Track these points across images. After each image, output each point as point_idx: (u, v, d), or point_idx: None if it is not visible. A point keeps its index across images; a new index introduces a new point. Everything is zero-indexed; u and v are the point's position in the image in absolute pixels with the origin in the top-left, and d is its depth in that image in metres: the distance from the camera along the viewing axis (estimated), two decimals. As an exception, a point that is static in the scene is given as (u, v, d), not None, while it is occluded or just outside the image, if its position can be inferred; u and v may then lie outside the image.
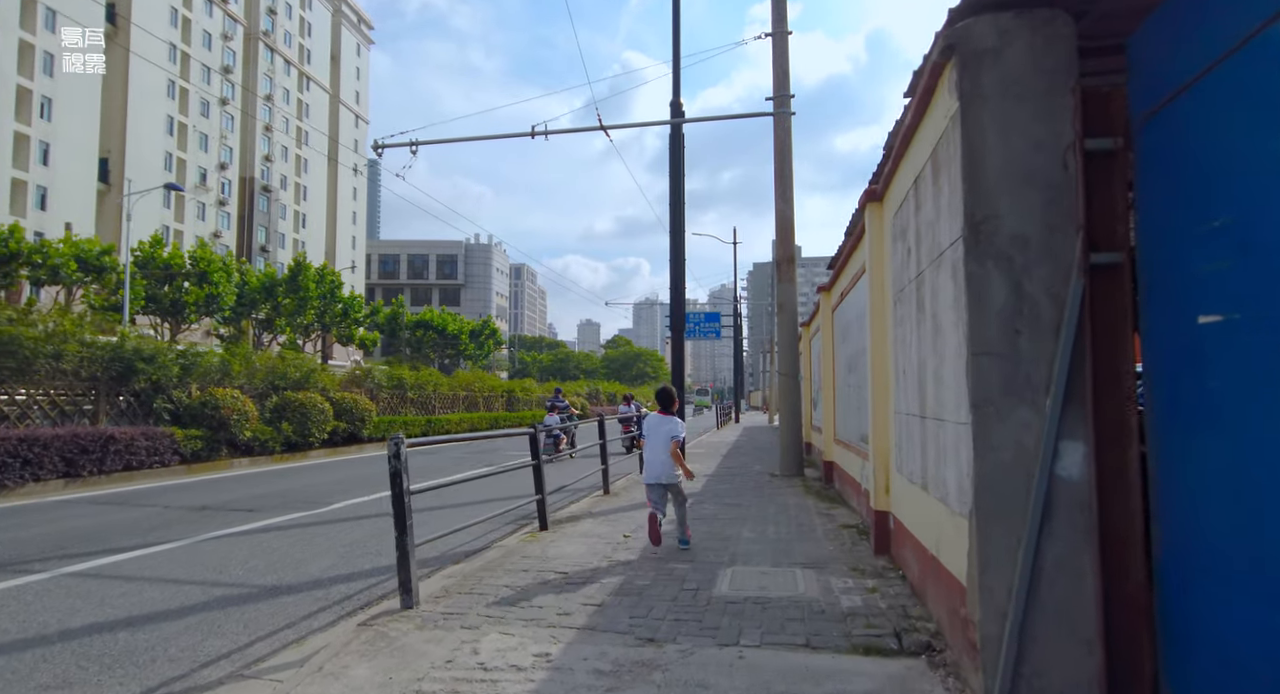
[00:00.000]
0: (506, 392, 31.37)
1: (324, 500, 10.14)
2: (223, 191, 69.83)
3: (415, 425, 21.91)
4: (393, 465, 4.68)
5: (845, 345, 8.98)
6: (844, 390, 9.27)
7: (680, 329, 14.40)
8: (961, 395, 3.24)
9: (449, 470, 13.74)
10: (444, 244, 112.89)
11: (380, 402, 21.39)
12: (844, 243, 8.33)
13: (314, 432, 16.36)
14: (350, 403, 18.32)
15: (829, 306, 10.71)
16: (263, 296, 42.80)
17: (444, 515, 8.76)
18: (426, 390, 24.04)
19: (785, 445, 12.08)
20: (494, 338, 73.48)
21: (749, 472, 12.93)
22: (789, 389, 12.13)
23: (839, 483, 9.82)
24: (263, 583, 5.58)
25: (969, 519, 3.15)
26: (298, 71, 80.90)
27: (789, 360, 12.16)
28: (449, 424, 24.08)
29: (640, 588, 5.01)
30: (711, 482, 11.51)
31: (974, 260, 3.12)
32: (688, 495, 7.08)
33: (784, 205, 12.22)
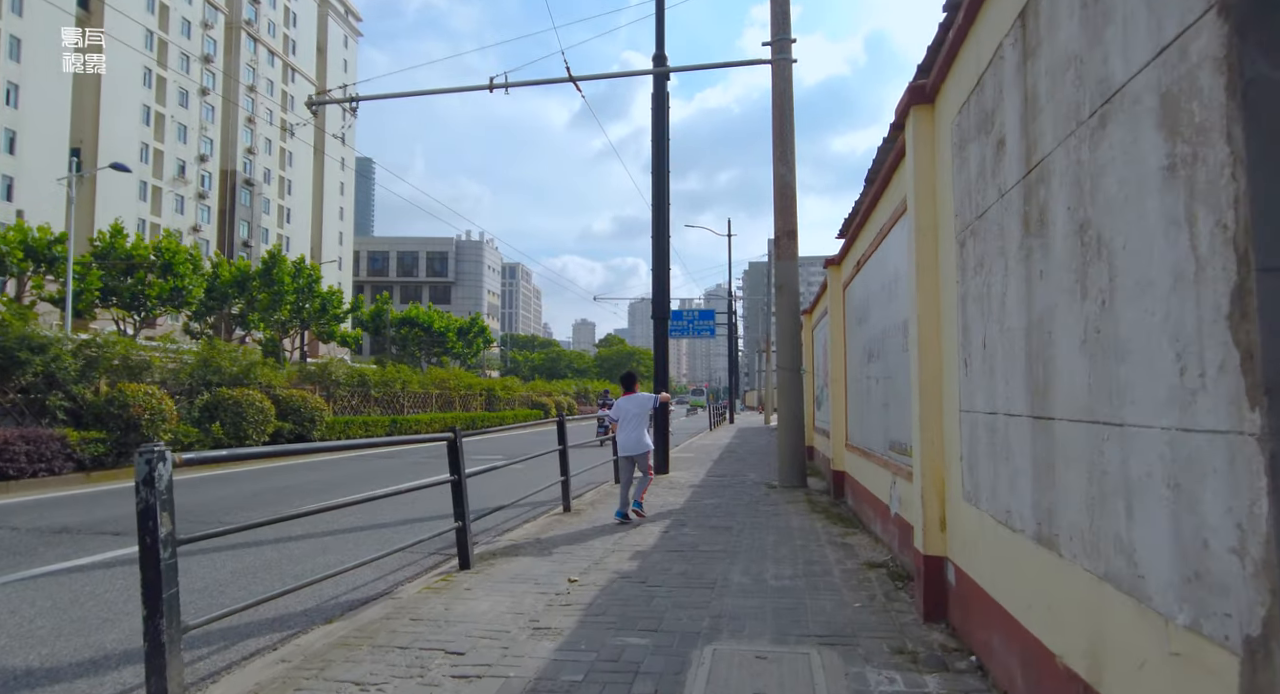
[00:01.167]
0: (486, 390, 29.46)
1: (223, 518, 8.24)
2: (202, 184, 67.77)
3: (378, 426, 19.99)
4: (142, 498, 2.77)
5: (863, 328, 7.12)
6: (859, 385, 7.41)
7: (664, 310, 12.53)
8: (1205, 370, 1.38)
9: (382, 479, 11.86)
10: (434, 240, 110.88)
11: (338, 400, 19.47)
12: (863, 194, 6.47)
13: (251, 433, 14.44)
14: (298, 401, 16.40)
15: (838, 284, 8.85)
16: (235, 290, 40.79)
17: (346, 542, 6.86)
18: (393, 388, 22.11)
19: (785, 451, 10.22)
20: (484, 336, 71.54)
21: (743, 481, 11.06)
22: (790, 386, 10.27)
23: (853, 499, 7.95)
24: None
25: (1239, 653, 1.29)
26: (282, 62, 78.88)
27: (789, 352, 10.30)
28: (418, 425, 22.17)
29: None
30: (698, 494, 9.64)
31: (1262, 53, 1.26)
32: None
33: (783, 169, 10.36)
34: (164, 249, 34.94)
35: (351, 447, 4.63)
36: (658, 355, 12.68)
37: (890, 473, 5.61)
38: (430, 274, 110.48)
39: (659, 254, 12.62)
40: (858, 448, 7.45)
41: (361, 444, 4.39)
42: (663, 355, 12.60)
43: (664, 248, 12.64)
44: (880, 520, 6.13)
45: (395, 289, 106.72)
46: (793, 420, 10.20)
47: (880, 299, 6.09)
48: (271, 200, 77.41)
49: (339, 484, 11.28)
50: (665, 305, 12.65)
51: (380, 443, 4.60)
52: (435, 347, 65.40)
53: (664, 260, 12.65)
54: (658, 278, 12.61)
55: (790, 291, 10.37)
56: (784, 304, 10.38)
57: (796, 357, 10.35)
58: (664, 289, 12.65)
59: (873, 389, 6.50)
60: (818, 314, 12.22)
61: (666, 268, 12.69)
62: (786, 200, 10.33)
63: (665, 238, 12.69)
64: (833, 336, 8.92)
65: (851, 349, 7.97)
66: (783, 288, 10.39)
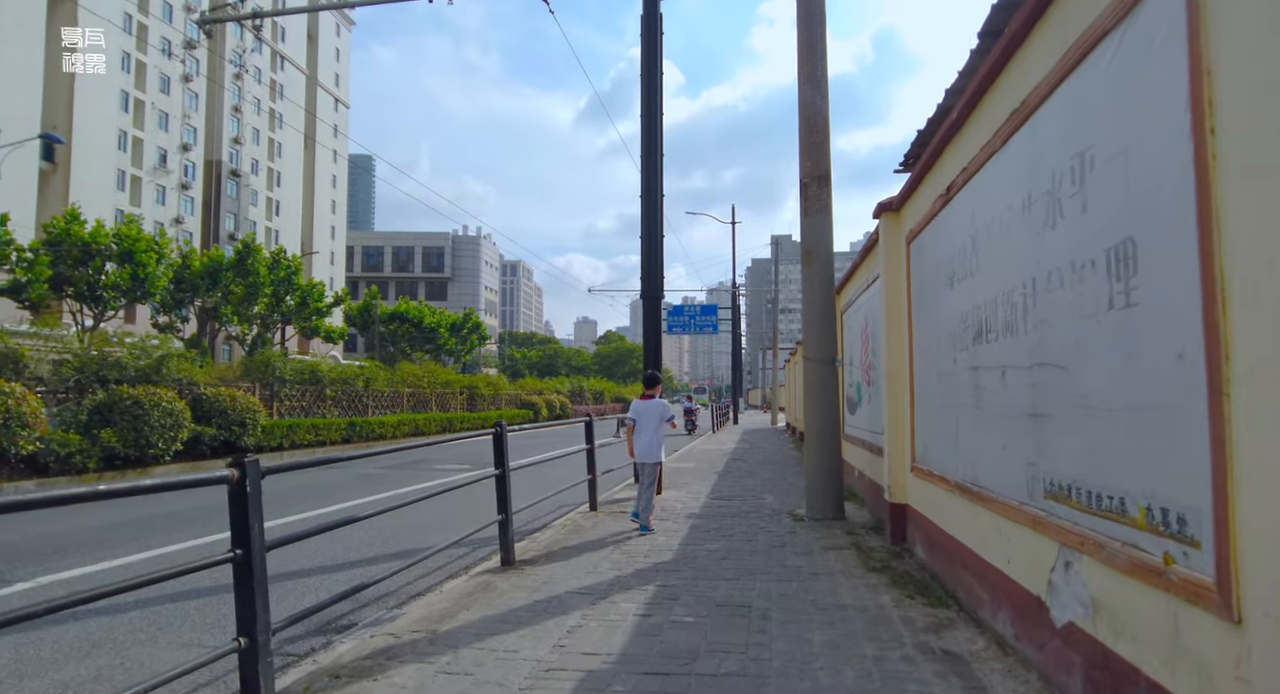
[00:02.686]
0: (467, 388, 26.86)
1: (20, 571, 5.66)
2: (186, 175, 65.30)
3: (331, 430, 17.40)
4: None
5: (959, 291, 4.49)
6: (946, 380, 4.80)
7: (655, 287, 9.93)
8: None
9: (306, 501, 9.26)
10: (430, 236, 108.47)
11: (282, 399, 16.88)
12: (974, 63, 3.85)
13: (156, 440, 11.85)
14: (224, 401, 13.80)
15: (897, 237, 6.24)
16: (206, 282, 38.22)
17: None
18: (354, 386, 19.51)
19: (816, 471, 7.59)
20: (478, 332, 68.99)
21: (758, 510, 8.45)
22: (821, 383, 7.65)
23: (928, 551, 5.33)
24: None
25: None
26: (270, 49, 76.34)
27: (821, 338, 7.68)
28: (382, 428, 19.58)
29: None
30: (698, 532, 7.02)
31: None
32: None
33: (812, 92, 7.74)
34: (123, 236, 32.36)
35: None
36: (648, 341, 10.07)
37: (1052, 543, 2.99)
38: (426, 270, 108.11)
39: (649, 220, 10.01)
40: (944, 478, 4.82)
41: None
42: (654, 341, 9.99)
43: (655, 212, 10.04)
44: (1010, 612, 3.51)
45: (391, 285, 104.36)
46: (826, 430, 7.57)
47: (1012, 230, 3.46)
48: (260, 192, 74.97)
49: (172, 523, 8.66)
50: (657, 282, 10.04)
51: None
52: (427, 343, 62.90)
53: (655, 228, 10.04)
54: (648, 248, 10.01)
55: (822, 258, 7.74)
56: (814, 276, 7.75)
57: (830, 344, 7.72)
58: (656, 263, 10.04)
59: (988, 386, 3.88)
60: (851, 293, 9.59)
61: (659, 236, 10.08)
62: (816, 133, 7.71)
63: (657, 199, 10.08)
64: (889, 313, 6.29)
65: (927, 328, 5.35)
66: (812, 254, 7.77)
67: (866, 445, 8.26)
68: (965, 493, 4.31)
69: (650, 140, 10.07)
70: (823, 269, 7.72)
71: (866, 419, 8.32)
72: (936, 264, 5.04)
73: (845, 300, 10.06)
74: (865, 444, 8.38)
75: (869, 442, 8.09)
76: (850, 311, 9.52)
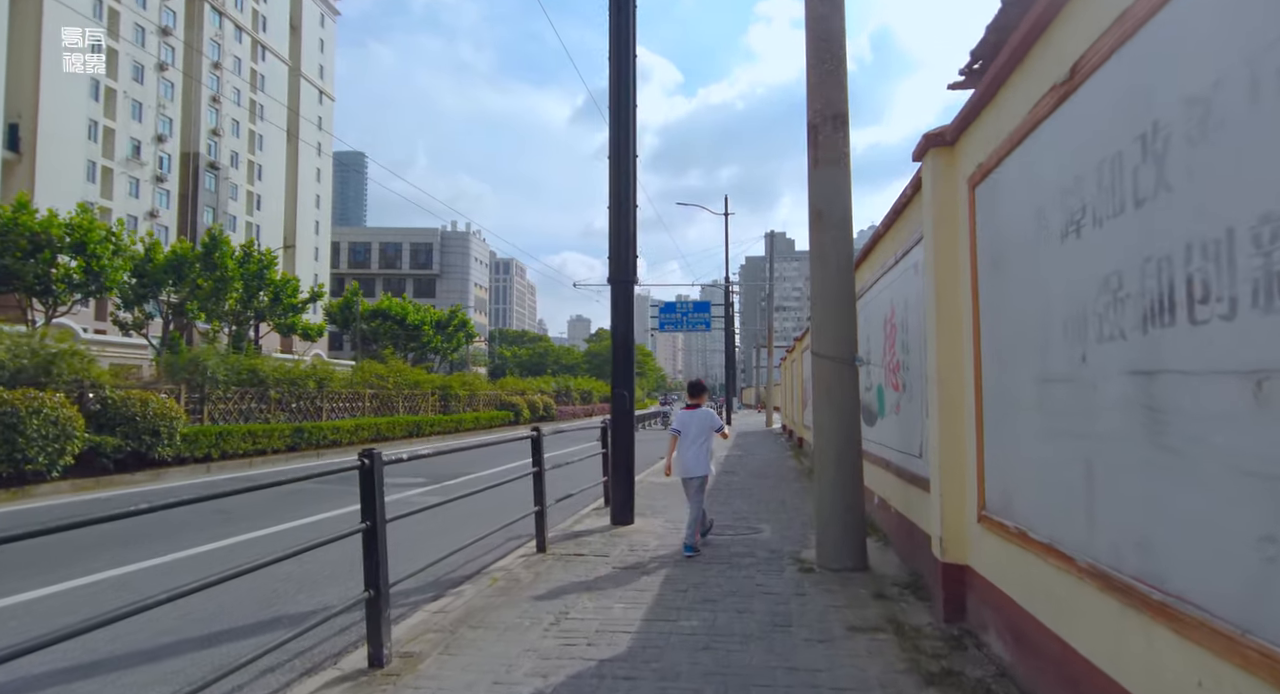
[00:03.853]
0: (440, 389, 24.91)
1: None
2: (161, 167, 63.09)
3: (274, 437, 15.46)
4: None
5: (1078, 248, 2.61)
6: (1060, 391, 2.92)
7: (625, 269, 8.06)
8: None
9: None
10: (418, 231, 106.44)
11: (215, 403, 14.92)
12: None
13: (36, 454, 9.92)
14: (135, 406, 11.85)
15: (950, 182, 4.37)
16: (170, 276, 36.14)
17: None
18: (303, 386, 17.55)
19: (831, 507, 5.72)
20: (465, 330, 66.97)
21: (752, 551, 6.58)
22: (838, 387, 5.77)
23: (1010, 646, 3.47)
24: None
25: None
26: (251, 39, 74.12)
27: (837, 327, 5.82)
28: (337, 434, 17.65)
29: None
30: (671, 591, 5.15)
31: None
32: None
33: (825, 7, 5.87)
34: (75, 226, 30.29)
35: None
36: (617, 335, 8.20)
37: None
38: (415, 266, 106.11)
39: (619, 188, 8.13)
40: (1054, 549, 2.96)
41: None
42: (624, 333, 8.13)
43: (626, 179, 8.16)
44: None
45: (378, 282, 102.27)
46: (845, 451, 5.71)
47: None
48: (240, 186, 72.80)
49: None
50: (628, 263, 8.15)
51: None
52: (411, 341, 60.92)
53: (626, 197, 8.17)
54: (618, 222, 8.13)
55: (838, 221, 5.87)
56: (827, 245, 5.87)
57: (850, 335, 5.85)
58: (627, 240, 8.15)
59: (1192, 410, 2.01)
60: (866, 275, 7.73)
61: (630, 208, 8.21)
62: (829, 61, 5.83)
63: (628, 163, 8.20)
64: (939, 293, 4.42)
65: (1010, 311, 3.49)
66: (824, 216, 5.89)
67: (892, 468, 6.39)
68: (1114, 587, 2.44)
69: (621, 91, 8.19)
70: (839, 236, 5.85)
71: (893, 434, 6.45)
72: (1037, 208, 3.16)
73: (859, 285, 8.18)
74: (890, 466, 6.51)
75: (897, 463, 6.23)
76: (867, 298, 7.64)
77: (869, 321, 7.50)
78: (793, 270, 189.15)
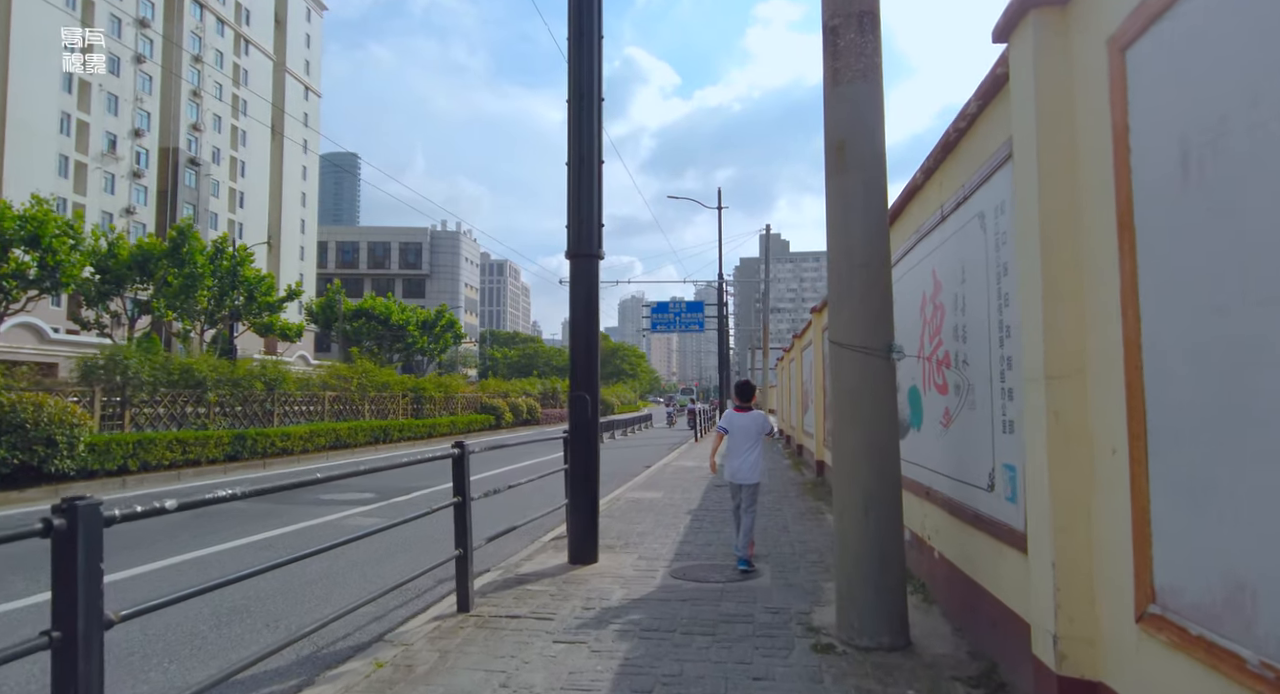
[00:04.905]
0: (412, 391, 23.16)
1: None
2: (138, 162, 61.16)
3: (209, 446, 13.71)
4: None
5: None
6: None
7: (586, 241, 6.39)
8: None
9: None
10: (407, 231, 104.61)
11: (137, 407, 13.16)
12: None
13: (-118, 471, 8.17)
14: (25, 412, 10.10)
15: (1062, 56, 2.67)
16: (135, 272, 34.33)
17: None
18: (246, 388, 15.79)
19: (860, 560, 4.03)
20: (453, 330, 65.21)
21: (747, 610, 4.89)
22: (870, 386, 4.09)
23: None
24: None
25: None
26: (234, 32, 72.27)
27: (866, 302, 4.15)
28: (287, 442, 15.91)
29: None
30: (628, 677, 3.46)
31: None
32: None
33: None
34: (29, 218, 28.48)
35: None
36: (576, 324, 6.54)
37: None
38: (404, 266, 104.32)
39: (579, 139, 6.46)
40: None
41: None
42: (587, 317, 6.47)
43: (588, 127, 6.48)
44: None
45: (366, 281, 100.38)
46: (878, 483, 4.03)
47: None
48: (222, 182, 70.90)
49: None
50: (591, 234, 6.47)
51: None
52: (396, 342, 59.16)
53: (589, 152, 6.49)
54: (578, 182, 6.45)
55: (867, 157, 4.19)
56: (854, 188, 4.20)
57: (882, 316, 4.17)
58: (589, 205, 6.48)
59: None
60: (897, 241, 6.01)
61: (594, 166, 6.53)
62: (857, -66, 4.16)
63: (592, 106, 6.52)
64: (1050, 240, 2.74)
65: (1253, 253, 1.78)
66: (846, 150, 4.21)
67: (937, 499, 4.71)
68: None
69: (584, 14, 6.52)
70: (870, 177, 4.18)
71: (938, 452, 4.78)
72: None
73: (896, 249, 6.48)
74: (933, 495, 4.83)
75: (945, 493, 4.55)
76: (904, 264, 5.94)
77: (896, 305, 5.81)
78: (786, 272, 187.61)
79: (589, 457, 6.35)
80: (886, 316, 4.20)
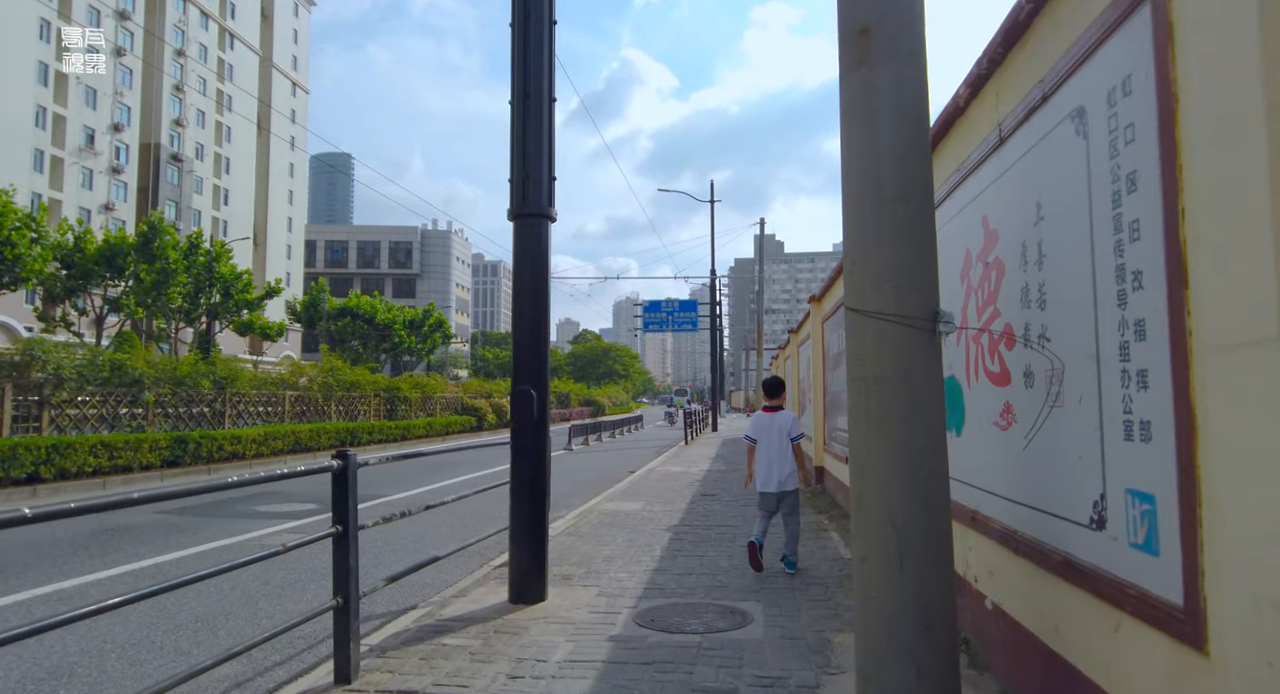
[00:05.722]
0: (386, 391, 21.81)
1: None
2: (117, 158, 59.66)
3: (143, 450, 12.35)
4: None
5: None
6: None
7: (536, 198, 5.12)
8: None
9: None
10: (397, 230, 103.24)
11: (59, 408, 11.81)
12: None
13: None
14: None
15: None
16: (103, 267, 32.90)
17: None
18: (191, 388, 14.42)
19: (896, 625, 2.73)
20: (441, 330, 63.83)
21: (734, 685, 3.59)
22: (907, 373, 2.79)
23: None
24: None
25: None
26: (218, 26, 70.82)
27: (904, 251, 2.84)
28: (237, 446, 14.56)
29: None
30: None
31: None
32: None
33: None
34: (-16, 209, 27.06)
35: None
36: (523, 294, 5.26)
37: None
38: (394, 266, 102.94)
39: (526, 71, 5.17)
40: None
41: None
42: (535, 292, 5.19)
43: (538, 56, 5.20)
44: None
45: (356, 281, 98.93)
46: (919, 512, 2.74)
47: None
48: (205, 179, 69.41)
49: None
50: (541, 190, 5.17)
51: None
52: (383, 342, 57.76)
53: (539, 87, 5.20)
54: (523, 123, 5.15)
55: (901, 47, 2.91)
56: (882, 85, 2.91)
57: (924, 273, 2.88)
58: (539, 151, 5.18)
59: None
60: (956, 164, 4.73)
61: (544, 103, 5.23)
62: None
63: (542, 29, 5.23)
64: None
65: None
66: (871, 37, 2.93)
67: (994, 531, 3.42)
68: None
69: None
70: (904, 73, 2.90)
71: (988, 462, 3.51)
72: None
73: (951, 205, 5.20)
74: (987, 524, 3.54)
75: (1008, 525, 3.27)
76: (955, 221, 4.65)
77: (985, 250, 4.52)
78: (781, 273, 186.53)
79: (536, 468, 5.05)
80: (930, 273, 2.92)
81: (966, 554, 3.85)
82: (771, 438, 5.85)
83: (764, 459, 5.87)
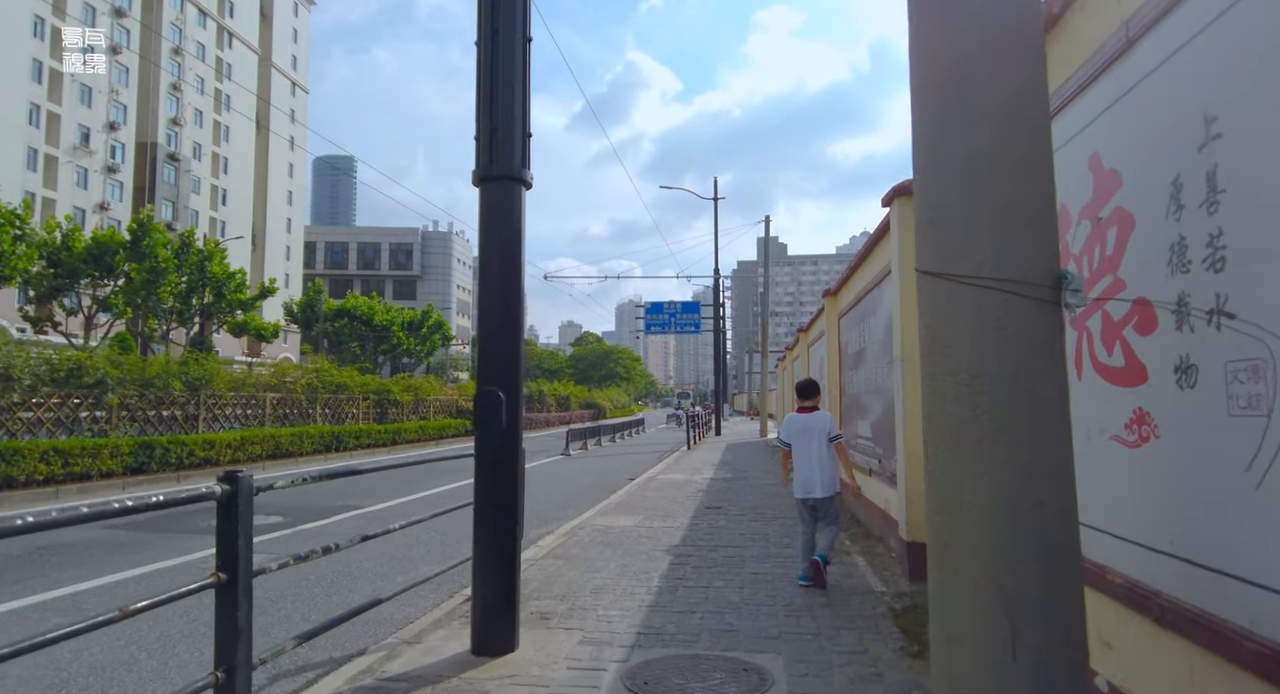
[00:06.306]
0: (376, 393, 20.89)
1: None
2: (113, 156, 58.95)
3: (102, 456, 11.45)
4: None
5: None
6: None
7: (506, 155, 4.22)
8: None
9: None
10: (398, 231, 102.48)
11: (9, 411, 10.92)
12: None
13: None
14: None
15: None
16: (91, 266, 32.06)
17: None
18: (160, 389, 13.52)
19: None
20: (440, 332, 63.00)
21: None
22: (1018, 353, 1.84)
23: None
24: None
25: None
26: (216, 25, 70.17)
27: (1000, 188, 1.89)
28: (211, 452, 13.65)
29: None
30: None
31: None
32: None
33: None
34: (-34, 206, 26.26)
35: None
36: (491, 273, 4.34)
37: None
38: (394, 267, 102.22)
39: (493, 11, 4.25)
40: None
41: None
42: (505, 272, 4.26)
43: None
44: None
45: (356, 282, 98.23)
46: (1048, 560, 1.80)
47: None
48: (203, 179, 68.68)
49: None
50: (512, 147, 4.24)
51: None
52: (381, 343, 56.93)
53: (511, 31, 4.28)
54: (489, 70, 4.23)
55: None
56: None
57: (1042, 218, 1.94)
58: (510, 105, 4.25)
59: None
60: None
61: (515, 45, 4.31)
62: None
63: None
64: None
65: None
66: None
67: (1118, 587, 2.48)
68: None
69: None
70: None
71: (1109, 494, 2.56)
72: None
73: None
74: (1113, 580, 2.60)
75: (1146, 583, 2.32)
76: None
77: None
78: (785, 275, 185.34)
79: (505, 485, 4.12)
80: (1048, 218, 1.99)
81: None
82: (810, 441, 5.45)
83: (803, 464, 5.46)
